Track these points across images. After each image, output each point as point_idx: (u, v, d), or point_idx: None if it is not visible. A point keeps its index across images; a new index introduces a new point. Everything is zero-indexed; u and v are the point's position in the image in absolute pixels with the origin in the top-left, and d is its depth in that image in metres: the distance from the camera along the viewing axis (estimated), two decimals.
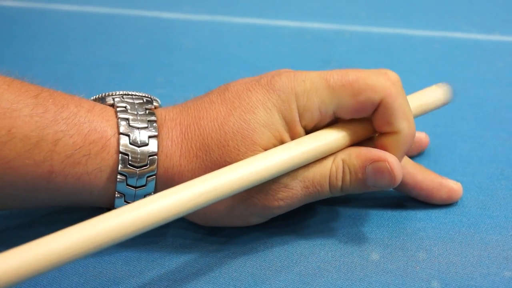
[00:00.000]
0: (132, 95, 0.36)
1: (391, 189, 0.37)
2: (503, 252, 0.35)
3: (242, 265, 0.34)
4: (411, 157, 0.43)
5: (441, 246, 0.35)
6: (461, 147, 0.45)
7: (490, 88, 0.43)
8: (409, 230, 0.37)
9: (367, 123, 0.35)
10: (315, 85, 0.34)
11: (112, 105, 0.35)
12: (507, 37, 0.65)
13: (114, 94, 0.36)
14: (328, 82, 0.34)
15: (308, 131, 0.35)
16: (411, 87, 0.38)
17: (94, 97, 0.36)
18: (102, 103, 0.35)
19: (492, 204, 0.39)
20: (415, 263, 0.34)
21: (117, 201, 0.33)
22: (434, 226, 0.37)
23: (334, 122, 0.35)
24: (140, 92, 0.36)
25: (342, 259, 0.34)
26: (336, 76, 0.34)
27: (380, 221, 0.38)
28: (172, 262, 0.34)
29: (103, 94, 0.36)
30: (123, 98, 0.35)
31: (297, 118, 0.34)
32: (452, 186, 0.39)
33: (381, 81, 0.33)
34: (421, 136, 0.44)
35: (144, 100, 0.36)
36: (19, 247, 0.25)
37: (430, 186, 0.38)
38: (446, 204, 0.39)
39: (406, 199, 0.39)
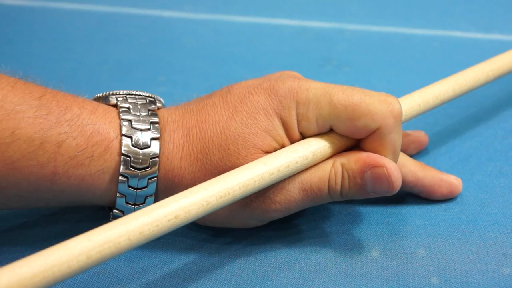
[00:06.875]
0: (135, 95, 0.36)
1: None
2: (502, 249, 0.35)
3: (244, 262, 0.35)
4: (411, 155, 0.43)
5: (440, 243, 0.36)
6: (459, 145, 0.46)
7: (488, 86, 0.43)
8: (408, 227, 0.37)
9: None
10: (317, 97, 0.33)
11: (115, 105, 0.35)
12: (506, 36, 0.65)
13: (117, 93, 0.35)
14: (331, 97, 0.33)
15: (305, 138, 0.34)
16: (409, 85, 0.39)
17: (97, 95, 0.36)
18: (105, 102, 0.35)
19: (491, 201, 0.39)
20: (414, 260, 0.34)
21: (118, 200, 0.33)
22: (433, 224, 0.37)
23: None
24: (143, 92, 0.36)
25: (342, 256, 0.35)
26: (341, 94, 0.33)
27: (380, 219, 0.38)
28: (174, 260, 0.35)
29: (106, 93, 0.36)
30: (126, 98, 0.35)
31: (296, 125, 0.34)
32: (453, 181, 0.39)
33: (383, 111, 0.33)
34: (420, 135, 0.44)
35: (147, 100, 0.35)
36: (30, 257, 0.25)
37: (431, 183, 0.38)
38: (446, 199, 0.39)
39: (405, 196, 0.40)
